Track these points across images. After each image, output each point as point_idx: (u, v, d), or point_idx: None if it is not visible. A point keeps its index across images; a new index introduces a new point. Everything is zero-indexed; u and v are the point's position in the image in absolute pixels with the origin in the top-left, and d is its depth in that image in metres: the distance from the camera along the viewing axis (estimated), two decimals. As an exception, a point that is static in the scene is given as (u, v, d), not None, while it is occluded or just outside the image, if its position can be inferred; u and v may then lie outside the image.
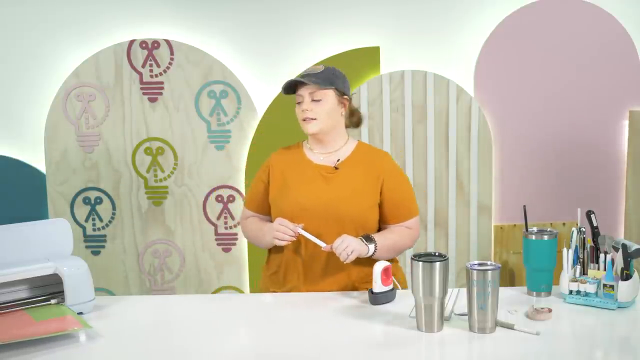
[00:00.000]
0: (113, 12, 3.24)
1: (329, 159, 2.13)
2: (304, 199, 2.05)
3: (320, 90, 2.05)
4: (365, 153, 2.15)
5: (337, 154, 2.13)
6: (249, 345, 1.62)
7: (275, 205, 2.12)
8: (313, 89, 2.05)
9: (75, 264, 1.83)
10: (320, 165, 2.11)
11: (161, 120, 3.27)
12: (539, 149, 3.33)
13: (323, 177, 2.09)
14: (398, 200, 2.11)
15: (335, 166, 2.10)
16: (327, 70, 2.09)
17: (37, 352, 1.57)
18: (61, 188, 3.30)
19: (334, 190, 2.06)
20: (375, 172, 2.09)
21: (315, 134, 2.09)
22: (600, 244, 1.86)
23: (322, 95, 2.06)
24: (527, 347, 1.55)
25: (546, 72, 3.28)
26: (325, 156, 2.13)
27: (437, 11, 3.25)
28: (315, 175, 2.10)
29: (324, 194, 2.05)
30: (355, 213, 2.04)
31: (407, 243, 2.13)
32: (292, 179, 2.11)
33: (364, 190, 2.07)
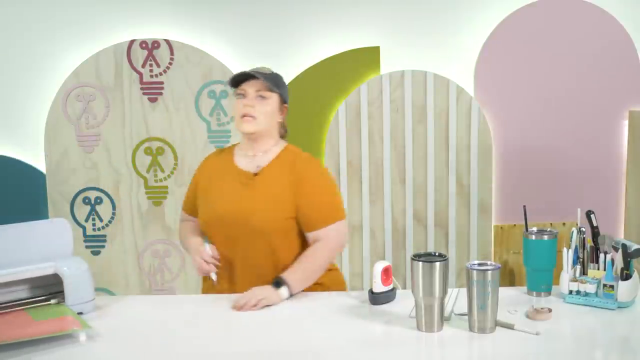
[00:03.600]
0: (113, 12, 3.24)
1: (253, 163, 2.07)
2: (219, 207, 2.03)
3: (267, 89, 2.01)
4: (288, 158, 2.07)
5: (262, 158, 2.07)
6: (249, 345, 1.61)
7: (198, 211, 2.11)
8: (260, 87, 2.01)
9: (75, 264, 1.83)
10: (243, 170, 2.06)
11: (161, 120, 3.27)
12: (539, 149, 3.33)
13: (242, 184, 2.04)
14: (312, 207, 2.00)
15: (255, 173, 2.04)
16: (275, 74, 2.07)
17: (37, 352, 1.57)
18: (61, 188, 3.30)
19: (248, 199, 2.00)
20: (293, 178, 2.01)
21: (250, 134, 2.03)
22: (600, 244, 1.86)
23: (268, 95, 2.02)
24: (527, 347, 1.55)
25: (546, 72, 3.28)
26: (251, 159, 2.07)
27: (437, 11, 3.25)
28: (235, 182, 2.05)
29: (238, 203, 2.01)
30: (266, 225, 1.98)
31: (325, 260, 2.01)
32: (214, 186, 2.09)
33: (278, 200, 2.00)
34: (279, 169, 2.05)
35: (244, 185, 2.04)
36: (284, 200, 2.00)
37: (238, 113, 2.02)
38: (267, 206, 1.99)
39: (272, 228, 1.99)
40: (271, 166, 2.06)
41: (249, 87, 2.02)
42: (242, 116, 2.01)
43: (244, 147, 2.11)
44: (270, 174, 2.04)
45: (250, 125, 2.01)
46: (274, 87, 2.02)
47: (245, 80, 2.03)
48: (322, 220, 2.01)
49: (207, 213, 2.06)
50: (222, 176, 2.09)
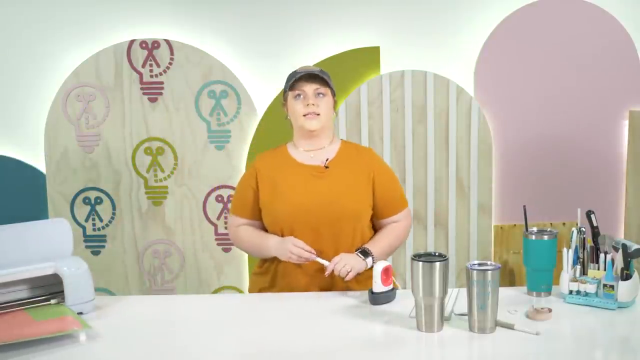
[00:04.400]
0: (113, 12, 3.23)
1: (317, 158, 2.12)
2: (298, 199, 2.04)
3: (324, 86, 2.07)
4: (352, 151, 2.16)
5: (323, 153, 2.13)
6: (249, 345, 1.62)
7: (268, 209, 2.10)
8: (317, 85, 2.06)
9: (75, 264, 1.83)
10: (309, 165, 2.11)
11: (161, 120, 3.27)
12: (539, 149, 3.33)
13: (314, 176, 2.08)
14: (389, 195, 2.14)
15: (325, 165, 2.10)
16: (323, 71, 2.12)
17: (37, 352, 1.57)
18: (61, 188, 3.30)
19: (328, 189, 2.06)
20: (365, 169, 2.11)
21: (315, 131, 2.09)
22: (600, 244, 1.86)
23: (325, 92, 2.08)
24: (527, 347, 1.55)
25: (546, 72, 3.28)
26: (313, 153, 2.12)
27: (437, 11, 3.25)
28: (306, 175, 2.09)
29: (319, 192, 2.05)
30: (352, 209, 2.05)
31: (401, 239, 2.18)
32: (283, 181, 2.09)
33: (358, 187, 2.08)
34: (347, 161, 2.12)
35: (317, 178, 2.08)
36: (361, 189, 2.08)
37: (299, 112, 2.07)
38: (348, 194, 2.06)
39: (356, 214, 2.06)
40: (338, 159, 2.12)
41: (306, 86, 2.06)
42: (304, 115, 2.06)
43: (302, 145, 2.14)
44: (340, 166, 2.10)
45: (315, 122, 2.07)
46: (329, 84, 2.08)
47: (299, 80, 2.07)
48: (398, 206, 2.16)
49: (283, 208, 2.05)
50: (287, 172, 2.11)
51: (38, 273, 1.79)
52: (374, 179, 2.11)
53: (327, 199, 2.04)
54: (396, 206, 2.16)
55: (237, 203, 2.20)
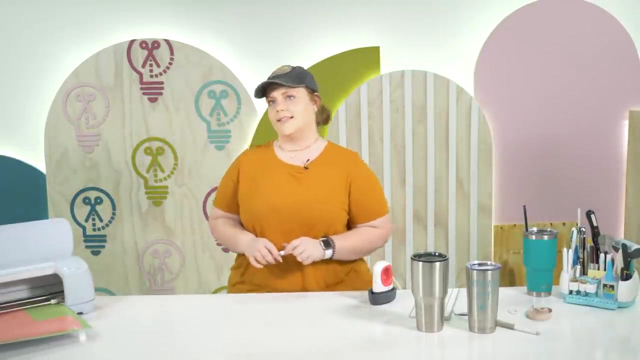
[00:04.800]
0: (113, 12, 3.24)
1: (299, 157, 2.12)
2: (275, 198, 2.04)
3: (292, 88, 2.06)
4: (334, 153, 2.15)
5: (306, 152, 2.13)
6: (249, 345, 1.61)
7: (244, 205, 2.11)
8: (285, 89, 2.05)
9: (75, 264, 1.83)
10: (290, 164, 2.11)
11: (161, 120, 3.27)
12: (539, 148, 3.33)
13: (293, 177, 2.08)
14: (365, 200, 2.11)
15: (305, 166, 2.09)
16: (295, 69, 2.11)
17: (37, 352, 1.57)
18: (61, 188, 3.30)
19: (305, 190, 2.05)
20: (344, 172, 2.09)
21: (291, 134, 2.09)
22: (600, 244, 1.86)
23: (295, 93, 2.07)
24: (527, 347, 1.55)
25: (546, 72, 3.28)
26: (295, 154, 2.12)
27: (437, 11, 3.25)
28: (286, 175, 2.09)
29: (294, 194, 2.04)
30: (325, 214, 2.04)
31: (373, 243, 2.13)
32: (262, 178, 2.10)
33: (334, 191, 2.07)
34: (327, 164, 2.11)
35: (295, 179, 2.08)
36: (338, 193, 2.07)
37: (273, 118, 2.09)
38: (323, 197, 2.05)
39: (329, 218, 2.05)
40: (319, 161, 2.11)
41: (275, 91, 2.07)
42: (277, 120, 2.07)
43: (285, 145, 2.15)
44: (320, 168, 2.09)
45: (289, 125, 2.07)
46: (297, 83, 2.06)
47: (269, 86, 2.07)
48: (375, 213, 2.12)
49: (258, 206, 2.06)
50: (268, 170, 2.11)
51: (38, 273, 1.79)
52: (350, 184, 2.08)
53: (301, 200, 2.03)
54: (372, 213, 2.12)
55: (219, 195, 2.23)
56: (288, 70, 2.08)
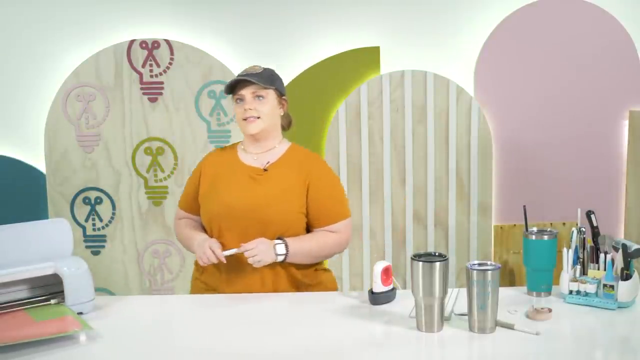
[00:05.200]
0: (113, 12, 3.24)
1: (261, 160, 2.10)
2: (231, 199, 2.03)
3: (263, 88, 2.04)
4: (296, 156, 2.13)
5: (269, 155, 2.11)
6: (249, 345, 1.61)
7: (203, 206, 2.10)
8: (255, 88, 2.04)
9: (75, 264, 1.83)
10: (250, 166, 2.09)
11: (161, 120, 3.27)
12: (539, 148, 3.33)
13: (252, 178, 2.07)
14: (323, 204, 2.07)
15: (264, 168, 2.08)
16: (267, 70, 2.09)
17: (37, 353, 1.57)
18: (61, 188, 3.30)
19: (261, 192, 2.04)
20: (303, 174, 2.07)
21: (256, 134, 2.07)
22: (600, 244, 1.86)
23: (265, 93, 2.05)
24: (527, 347, 1.55)
25: (546, 72, 3.28)
26: (257, 156, 2.11)
27: (437, 11, 3.25)
28: (244, 176, 2.08)
29: (250, 196, 2.03)
30: (280, 217, 2.02)
31: (330, 248, 2.09)
32: (221, 180, 2.09)
33: (292, 194, 2.05)
34: (288, 166, 2.09)
35: (254, 180, 2.07)
36: (296, 195, 2.05)
37: (240, 117, 2.07)
38: (280, 199, 2.03)
39: (285, 221, 2.02)
40: (280, 163, 2.09)
41: (245, 90, 2.05)
42: (243, 119, 2.05)
43: (249, 147, 2.14)
44: (279, 170, 2.08)
45: (254, 126, 2.05)
46: (268, 84, 2.05)
47: (239, 83, 2.05)
48: (334, 217, 2.09)
49: (215, 207, 2.06)
50: (229, 172, 2.10)
51: (38, 273, 1.79)
52: (309, 186, 2.06)
53: (257, 202, 2.02)
54: (331, 217, 2.08)
55: (182, 197, 2.23)
56: (260, 70, 2.07)
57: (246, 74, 2.05)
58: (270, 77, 2.08)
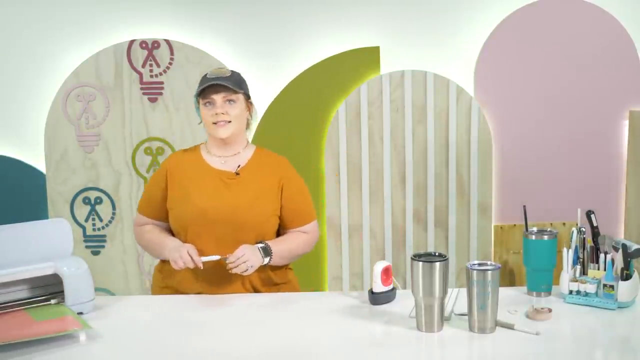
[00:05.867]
0: (113, 12, 3.24)
1: (229, 164, 2.10)
2: (205, 204, 2.02)
3: (233, 93, 2.03)
4: (264, 159, 2.14)
5: (236, 159, 2.11)
6: (249, 345, 1.61)
7: (174, 212, 2.08)
8: (226, 92, 2.03)
9: (75, 264, 1.83)
10: (221, 170, 2.08)
11: (161, 120, 3.27)
12: (539, 148, 3.33)
13: (224, 182, 2.06)
14: (296, 206, 2.12)
15: (236, 172, 2.08)
16: (235, 74, 2.09)
17: (37, 352, 1.57)
18: (61, 188, 3.30)
19: (235, 196, 2.04)
20: (275, 178, 2.09)
21: (226, 138, 2.06)
22: (600, 244, 1.86)
23: (235, 98, 2.05)
24: (527, 347, 1.55)
25: (546, 72, 3.28)
26: (225, 160, 2.10)
27: (437, 11, 3.25)
28: (216, 180, 2.07)
29: (225, 200, 2.03)
30: (255, 220, 2.03)
31: (303, 248, 2.14)
32: (192, 184, 2.07)
33: (265, 197, 2.06)
34: (258, 169, 2.10)
35: (226, 184, 2.06)
36: (269, 198, 2.07)
37: (209, 121, 2.05)
38: (254, 203, 2.04)
39: (260, 223, 2.04)
40: (249, 166, 2.10)
41: (216, 94, 2.03)
42: (213, 123, 2.04)
43: (214, 150, 2.12)
44: (250, 174, 2.08)
45: (225, 130, 2.05)
46: (238, 89, 2.05)
47: (209, 87, 2.03)
48: (306, 218, 2.15)
49: (188, 212, 2.03)
50: (198, 176, 2.08)
51: (38, 273, 1.79)
52: (282, 189, 2.09)
53: (232, 207, 2.02)
54: (303, 218, 2.13)
55: (144, 202, 2.19)
56: (229, 74, 2.06)
57: (217, 77, 2.03)
58: (240, 81, 2.08)
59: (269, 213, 2.07)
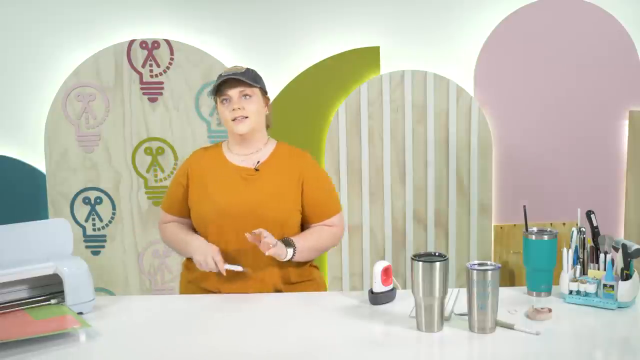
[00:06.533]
0: (113, 12, 3.24)
1: (249, 160, 2.09)
2: (224, 201, 2.02)
3: (249, 87, 2.03)
4: (285, 154, 2.12)
5: (257, 155, 2.10)
6: (249, 344, 1.61)
7: (195, 208, 2.08)
8: (242, 87, 2.02)
9: (75, 264, 1.83)
10: (240, 167, 2.08)
11: (161, 120, 3.27)
12: (539, 148, 3.33)
13: (243, 179, 2.06)
14: (318, 199, 2.10)
15: (255, 168, 2.07)
16: (250, 70, 2.08)
17: (37, 352, 1.57)
18: (61, 188, 3.30)
19: (255, 192, 2.03)
20: (296, 173, 2.07)
21: (245, 134, 2.06)
22: (600, 244, 1.86)
23: (251, 93, 2.04)
24: (527, 347, 1.55)
25: (546, 72, 3.28)
26: (245, 157, 2.10)
27: (437, 11, 3.25)
28: (235, 177, 2.06)
29: (244, 196, 2.02)
30: (276, 216, 2.02)
31: (329, 242, 2.12)
32: (212, 181, 2.07)
33: (286, 192, 2.05)
34: (278, 165, 2.08)
35: (246, 180, 2.06)
36: (290, 193, 2.05)
37: (227, 117, 2.04)
38: (275, 198, 2.03)
39: (281, 219, 2.03)
40: (269, 162, 2.09)
41: (232, 90, 2.03)
42: (232, 119, 2.03)
43: (235, 147, 2.12)
44: (270, 169, 2.07)
45: (243, 125, 2.04)
46: (254, 83, 2.04)
47: (224, 84, 2.03)
48: (330, 211, 2.12)
49: (208, 209, 2.04)
50: (218, 173, 2.09)
51: (38, 273, 1.79)
52: (303, 183, 2.07)
53: (251, 203, 2.01)
54: (326, 212, 2.11)
55: (167, 200, 2.19)
56: (244, 70, 2.06)
57: (232, 73, 2.03)
58: (255, 76, 2.08)
59: (290, 208, 2.05)
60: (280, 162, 2.09)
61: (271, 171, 2.07)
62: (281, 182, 2.05)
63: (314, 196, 2.08)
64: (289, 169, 2.08)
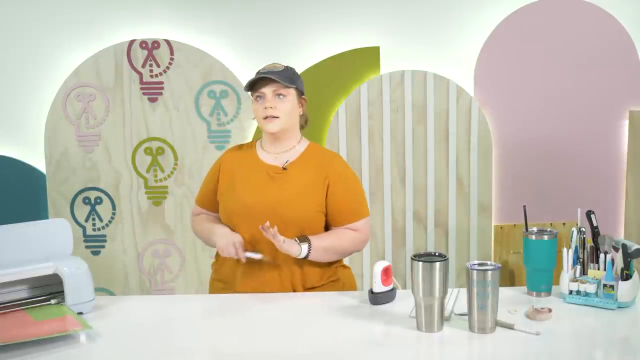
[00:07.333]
0: (113, 12, 3.24)
1: (280, 159, 2.09)
2: (248, 198, 2.03)
3: (283, 87, 2.03)
4: (315, 154, 2.11)
5: (287, 154, 2.10)
6: (249, 345, 1.61)
7: (222, 203, 2.10)
8: (276, 87, 2.02)
9: (75, 264, 1.83)
10: (269, 165, 2.08)
11: (161, 120, 3.27)
12: (539, 148, 3.33)
13: (270, 177, 2.06)
14: (342, 202, 2.06)
15: (283, 167, 2.07)
16: (288, 69, 2.08)
17: (37, 352, 1.57)
18: (61, 188, 3.30)
19: (279, 191, 2.03)
20: (323, 173, 2.06)
21: (275, 133, 2.06)
22: (600, 244, 1.86)
23: (286, 93, 2.04)
24: (527, 347, 1.55)
25: (546, 72, 3.28)
26: (276, 156, 2.10)
27: (437, 11, 3.25)
28: (263, 175, 2.07)
29: (267, 195, 2.02)
30: (298, 216, 2.01)
31: (350, 245, 2.08)
32: (240, 178, 2.08)
33: (310, 192, 2.04)
34: (307, 165, 2.08)
35: (272, 179, 2.06)
36: (315, 194, 2.04)
37: (260, 115, 2.05)
38: (298, 198, 2.02)
39: (303, 219, 2.02)
40: (299, 162, 2.08)
41: (266, 88, 2.02)
42: (264, 118, 2.03)
43: (268, 146, 2.12)
44: (298, 169, 2.07)
45: (274, 125, 2.03)
46: (290, 84, 2.03)
47: (260, 81, 2.03)
48: (353, 215, 2.08)
49: (233, 205, 2.05)
50: (248, 170, 2.09)
51: (38, 273, 1.79)
52: (328, 185, 2.05)
53: (274, 201, 2.01)
54: (351, 215, 2.07)
55: (200, 193, 2.23)
56: (281, 69, 2.05)
57: (268, 71, 2.03)
58: (292, 76, 2.06)
59: (313, 209, 2.03)
60: (308, 163, 2.08)
61: (298, 171, 2.07)
62: (307, 183, 2.05)
63: (338, 198, 2.06)
64: (317, 169, 2.07)
